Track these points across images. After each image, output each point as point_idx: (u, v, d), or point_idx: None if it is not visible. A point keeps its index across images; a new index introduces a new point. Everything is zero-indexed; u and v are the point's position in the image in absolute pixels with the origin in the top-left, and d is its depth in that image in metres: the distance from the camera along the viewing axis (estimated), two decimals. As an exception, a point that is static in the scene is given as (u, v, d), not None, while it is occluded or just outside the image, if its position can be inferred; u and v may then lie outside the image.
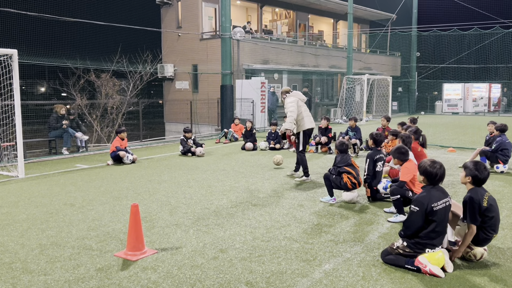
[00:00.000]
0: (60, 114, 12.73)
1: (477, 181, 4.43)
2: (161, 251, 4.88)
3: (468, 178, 4.46)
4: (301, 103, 8.60)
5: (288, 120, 8.39)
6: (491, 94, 32.56)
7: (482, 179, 4.41)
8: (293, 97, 8.54)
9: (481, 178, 4.41)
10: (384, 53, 32.86)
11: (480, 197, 4.36)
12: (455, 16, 29.80)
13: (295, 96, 8.56)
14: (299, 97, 8.65)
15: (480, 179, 4.41)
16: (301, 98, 8.67)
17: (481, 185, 4.46)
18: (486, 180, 4.41)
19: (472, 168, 4.43)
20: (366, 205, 6.84)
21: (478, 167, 4.42)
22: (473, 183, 4.44)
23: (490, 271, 4.35)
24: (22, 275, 4.31)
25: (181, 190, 7.86)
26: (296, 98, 8.52)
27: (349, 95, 25.14)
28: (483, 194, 4.40)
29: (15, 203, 7.05)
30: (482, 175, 4.40)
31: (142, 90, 19.34)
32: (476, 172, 4.40)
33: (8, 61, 9.16)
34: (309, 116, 8.63)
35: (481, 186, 4.47)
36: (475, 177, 4.41)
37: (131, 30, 17.60)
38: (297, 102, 8.48)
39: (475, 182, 4.43)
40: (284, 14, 28.78)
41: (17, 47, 9.43)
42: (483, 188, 4.49)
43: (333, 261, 4.59)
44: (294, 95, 8.60)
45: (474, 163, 4.49)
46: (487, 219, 4.39)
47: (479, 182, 4.43)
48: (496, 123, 9.99)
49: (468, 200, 4.37)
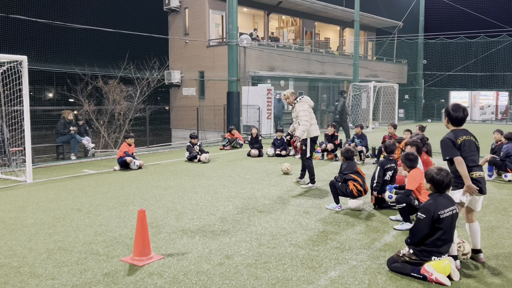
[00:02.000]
0: (67, 120, 12.84)
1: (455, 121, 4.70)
2: (167, 256, 4.91)
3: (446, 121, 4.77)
4: (310, 110, 8.60)
5: (301, 129, 8.31)
6: (499, 102, 32.40)
7: (460, 118, 4.66)
8: (306, 104, 8.51)
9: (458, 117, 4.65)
10: (390, 60, 32.85)
11: (455, 137, 4.57)
12: (462, 24, 29.78)
13: (307, 103, 8.54)
14: (309, 103, 8.63)
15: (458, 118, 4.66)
16: (311, 105, 8.66)
17: (460, 125, 4.70)
18: (465, 119, 4.65)
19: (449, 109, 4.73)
20: (372, 212, 6.83)
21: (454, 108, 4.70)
22: (452, 124, 4.71)
23: (497, 279, 4.32)
24: (30, 279, 4.34)
25: (187, 196, 7.89)
26: (308, 106, 8.51)
27: (355, 103, 25.12)
28: (458, 135, 4.59)
29: (23, 208, 7.11)
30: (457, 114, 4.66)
31: (149, 96, 19.45)
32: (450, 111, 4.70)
33: (17, 67, 9.27)
34: (315, 124, 8.68)
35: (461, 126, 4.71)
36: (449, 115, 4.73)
37: (139, 37, 17.77)
38: (310, 111, 8.48)
39: (453, 122, 4.70)
40: (291, 21, 28.91)
41: (27, 53, 9.55)
42: (463, 130, 4.68)
43: (339, 269, 4.59)
44: (306, 102, 8.57)
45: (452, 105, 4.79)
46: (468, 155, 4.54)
47: (457, 122, 4.68)
48: (503, 131, 9.95)
49: (441, 141, 4.60)
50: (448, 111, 4.71)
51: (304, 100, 8.59)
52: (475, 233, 4.72)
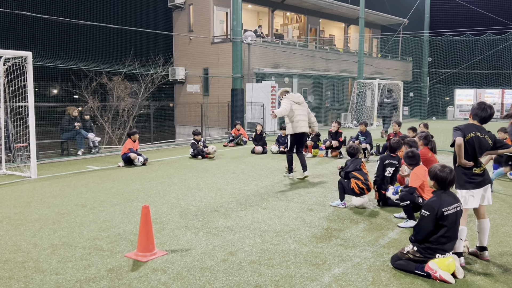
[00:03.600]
0: (72, 116, 12.87)
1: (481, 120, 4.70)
2: (171, 252, 4.91)
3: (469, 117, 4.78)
4: (296, 106, 8.99)
5: (279, 109, 8.91)
6: (504, 100, 32.19)
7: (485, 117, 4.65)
8: (290, 100, 8.99)
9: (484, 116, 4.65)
10: (395, 58, 32.70)
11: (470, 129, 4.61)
12: (467, 21, 29.61)
13: (289, 99, 9.01)
14: (293, 99, 9.03)
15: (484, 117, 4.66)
16: (295, 101, 9.04)
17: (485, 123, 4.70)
18: (490, 118, 4.64)
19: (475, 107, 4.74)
20: (376, 210, 6.82)
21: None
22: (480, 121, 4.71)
23: (500, 277, 4.30)
24: (34, 274, 4.36)
25: (191, 193, 7.90)
26: (290, 101, 8.96)
27: (360, 100, 25.05)
28: (471, 130, 4.60)
29: (28, 203, 7.14)
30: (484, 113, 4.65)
31: (153, 93, 19.50)
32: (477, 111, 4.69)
33: (22, 63, 9.30)
34: (303, 121, 9.02)
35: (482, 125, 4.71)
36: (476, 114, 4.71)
37: (143, 33, 17.79)
38: (291, 104, 8.92)
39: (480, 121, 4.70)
40: (295, 18, 28.81)
41: (32, 49, 9.57)
42: (476, 126, 4.68)
43: (343, 266, 4.58)
44: (290, 98, 9.04)
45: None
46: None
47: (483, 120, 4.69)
48: (507, 129, 9.86)
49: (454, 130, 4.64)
50: (476, 111, 4.70)
51: (288, 97, 9.05)
52: (484, 230, 4.70)
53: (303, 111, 9.08)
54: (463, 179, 4.57)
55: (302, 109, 9.06)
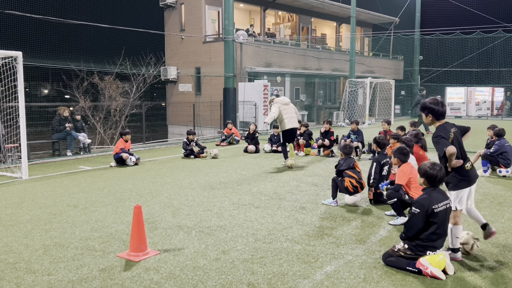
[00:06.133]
0: (63, 116, 12.79)
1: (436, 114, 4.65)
2: (164, 252, 4.92)
3: (429, 117, 4.68)
4: (284, 107, 10.29)
5: (269, 116, 10.26)
6: (494, 98, 32.48)
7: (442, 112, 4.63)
8: (277, 104, 10.30)
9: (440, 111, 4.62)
10: (387, 56, 32.87)
11: (446, 136, 4.51)
12: (458, 19, 29.82)
13: (278, 103, 10.32)
14: (281, 102, 10.36)
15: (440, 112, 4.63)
16: (283, 102, 10.38)
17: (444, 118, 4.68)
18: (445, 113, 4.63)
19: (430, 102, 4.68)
20: (369, 208, 6.86)
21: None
22: (437, 118, 4.65)
23: (491, 273, 4.36)
24: (26, 275, 4.35)
25: (184, 192, 7.89)
26: (278, 105, 10.26)
27: (351, 99, 25.14)
28: (449, 130, 4.56)
29: (19, 204, 7.10)
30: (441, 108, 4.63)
31: (145, 92, 19.45)
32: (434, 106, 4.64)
33: (13, 63, 9.23)
34: (291, 118, 10.30)
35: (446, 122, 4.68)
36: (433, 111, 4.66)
37: (135, 32, 17.71)
38: (279, 107, 10.21)
39: (438, 117, 4.64)
40: (287, 17, 28.84)
41: (22, 49, 9.50)
42: (451, 124, 4.68)
43: (335, 263, 4.61)
44: (277, 102, 10.34)
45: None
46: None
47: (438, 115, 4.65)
48: (496, 127, 9.98)
49: (435, 141, 4.51)
50: (431, 107, 4.60)
51: (276, 101, 10.38)
52: (475, 212, 4.91)
53: (290, 109, 10.40)
54: (457, 178, 4.57)
55: (289, 108, 10.38)
